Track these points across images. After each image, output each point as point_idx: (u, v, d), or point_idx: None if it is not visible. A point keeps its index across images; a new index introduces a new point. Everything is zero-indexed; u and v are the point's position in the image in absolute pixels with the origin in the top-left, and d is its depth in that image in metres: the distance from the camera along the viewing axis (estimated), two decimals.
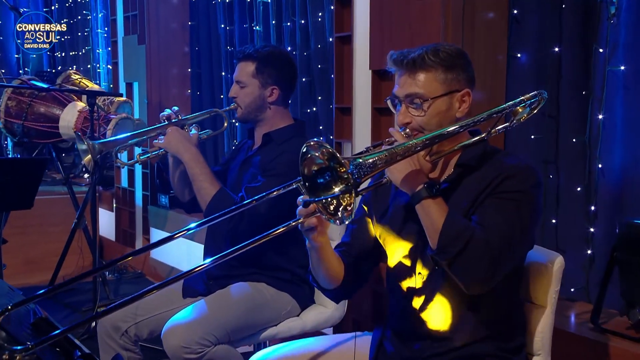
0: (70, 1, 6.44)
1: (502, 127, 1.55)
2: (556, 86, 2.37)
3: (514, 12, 2.46)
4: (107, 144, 2.20)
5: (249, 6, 3.87)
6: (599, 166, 2.25)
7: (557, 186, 2.40)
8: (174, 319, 2.00)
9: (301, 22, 3.42)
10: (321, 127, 3.35)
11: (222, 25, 4.13)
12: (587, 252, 2.31)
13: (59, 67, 6.60)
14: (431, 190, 1.41)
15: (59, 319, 2.53)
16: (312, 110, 3.43)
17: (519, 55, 2.46)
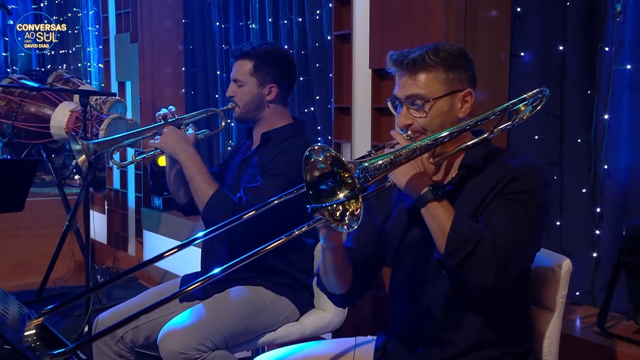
0: None
1: (505, 126, 1.53)
2: (560, 85, 2.35)
3: (517, 10, 2.43)
4: (102, 144, 2.15)
5: (245, 3, 3.83)
6: (605, 167, 2.23)
7: (561, 187, 2.37)
8: (171, 324, 1.96)
9: (298, 19, 3.38)
10: (319, 128, 3.31)
11: (217, 23, 4.08)
12: (593, 254, 2.29)
13: (48, 65, 6.51)
14: (436, 192, 1.39)
15: (51, 323, 2.50)
16: (309, 110, 3.39)
17: (522, 54, 2.43)
